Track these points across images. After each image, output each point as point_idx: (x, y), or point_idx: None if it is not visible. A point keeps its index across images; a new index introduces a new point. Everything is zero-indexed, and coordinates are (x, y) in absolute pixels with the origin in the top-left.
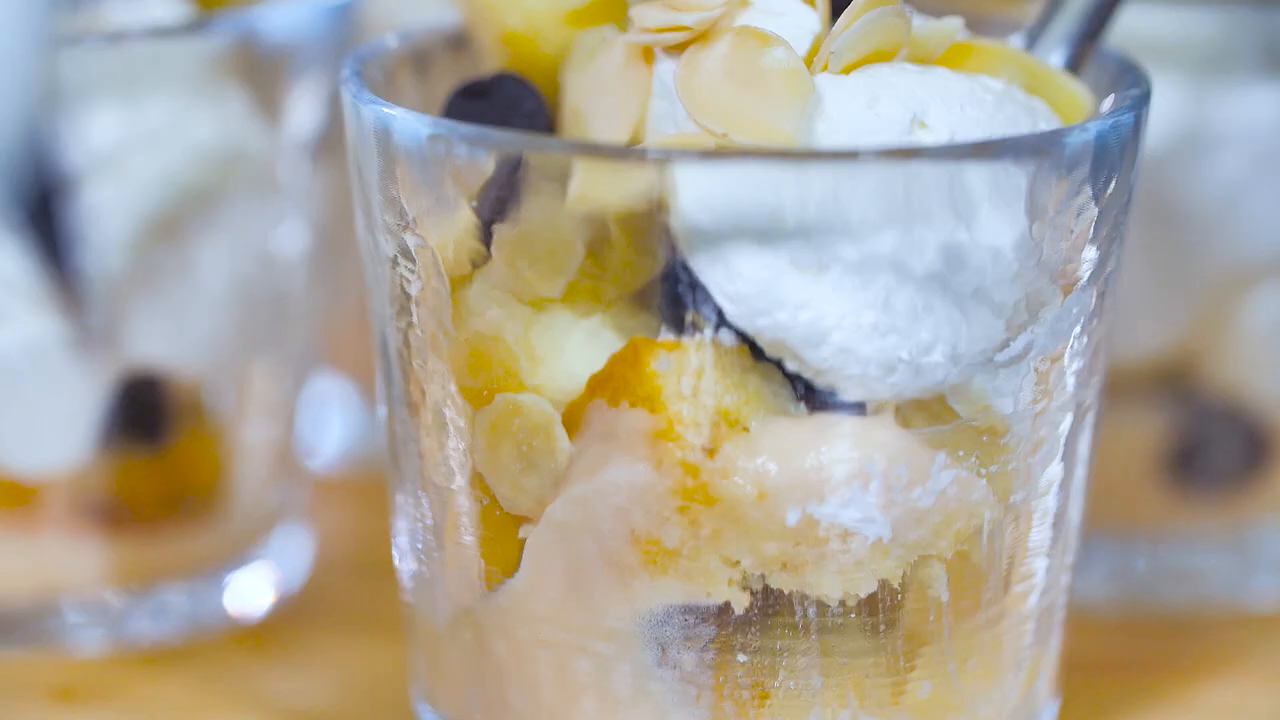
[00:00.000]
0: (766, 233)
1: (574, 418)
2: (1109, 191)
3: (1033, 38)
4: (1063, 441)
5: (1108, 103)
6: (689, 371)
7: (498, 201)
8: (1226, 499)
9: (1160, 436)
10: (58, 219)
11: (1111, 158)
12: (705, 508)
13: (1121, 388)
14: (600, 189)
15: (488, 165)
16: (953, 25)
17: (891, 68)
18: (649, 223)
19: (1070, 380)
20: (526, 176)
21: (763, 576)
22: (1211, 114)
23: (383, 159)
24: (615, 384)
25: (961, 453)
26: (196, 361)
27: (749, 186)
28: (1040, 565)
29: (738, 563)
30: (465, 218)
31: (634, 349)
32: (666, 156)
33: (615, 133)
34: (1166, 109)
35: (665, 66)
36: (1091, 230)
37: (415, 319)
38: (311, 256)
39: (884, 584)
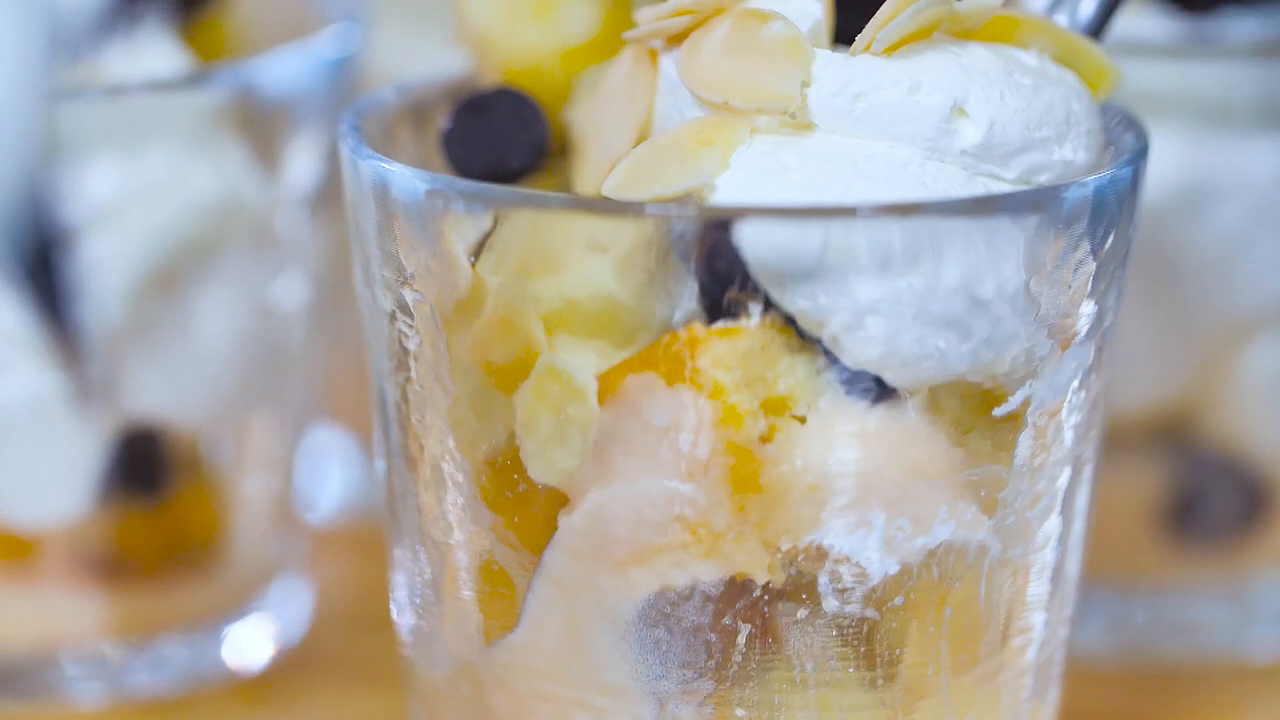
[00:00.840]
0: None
1: (610, 388)
2: (1107, 246)
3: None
4: (1061, 495)
5: (1106, 157)
6: (741, 356)
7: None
8: (1225, 551)
9: (1158, 488)
10: (57, 271)
11: (1110, 212)
12: (754, 494)
13: (1119, 439)
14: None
15: (486, 221)
16: (993, 1)
17: (932, 48)
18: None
19: (1068, 434)
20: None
21: (796, 563)
22: (1210, 166)
23: (381, 214)
24: (665, 364)
25: (961, 506)
26: (195, 414)
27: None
28: (1038, 619)
29: (779, 547)
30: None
31: (689, 331)
32: (665, 213)
33: (622, 134)
34: (1165, 161)
35: (669, 63)
36: (1090, 285)
37: (413, 374)
38: (310, 309)
39: (882, 637)
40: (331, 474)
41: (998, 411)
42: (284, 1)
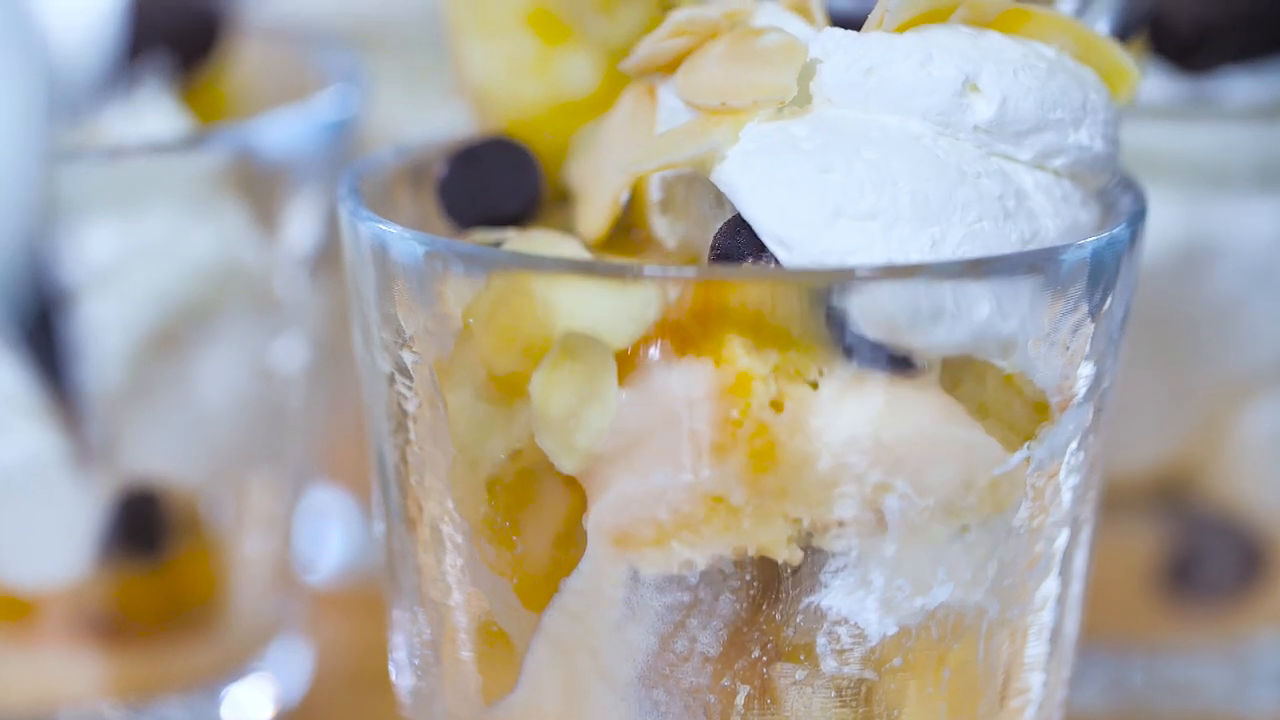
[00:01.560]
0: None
1: (627, 367)
2: (1106, 307)
3: (1084, 5)
4: (1059, 556)
5: (1105, 219)
6: (752, 322)
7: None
8: (1223, 612)
9: (1157, 549)
10: (56, 333)
11: (1108, 274)
12: (770, 463)
13: (1117, 499)
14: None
15: (485, 283)
16: None
17: (946, 29)
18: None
19: (1066, 495)
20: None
21: (811, 536)
22: (1209, 227)
23: (380, 276)
24: (677, 334)
25: (960, 566)
26: (195, 475)
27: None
28: (1037, 679)
29: (799, 520)
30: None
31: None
32: (663, 274)
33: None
34: (1164, 222)
35: (667, 93)
36: (1088, 346)
37: (412, 435)
38: (310, 370)
39: (881, 699)
40: (331, 535)
41: (996, 471)
42: (283, 63)
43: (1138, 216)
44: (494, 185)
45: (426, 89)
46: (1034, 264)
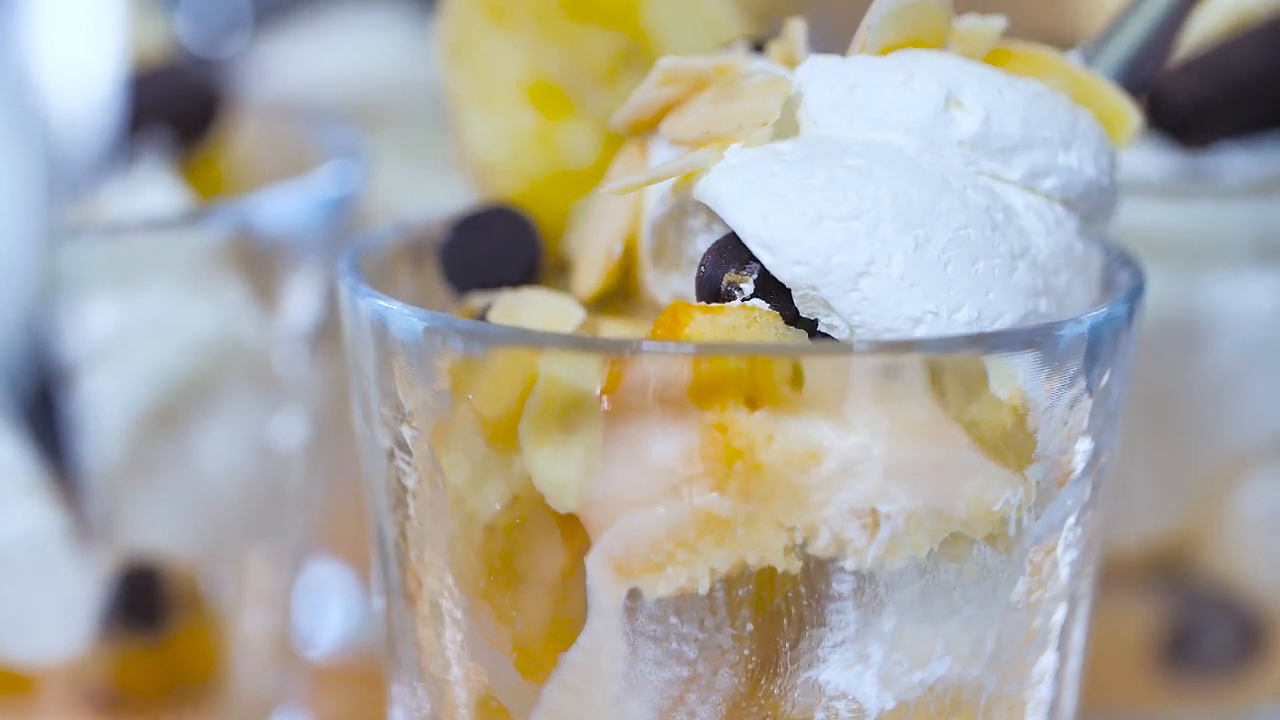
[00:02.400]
0: None
1: (610, 387)
2: (1104, 383)
3: (1088, 57)
4: (1057, 631)
5: (1102, 294)
6: (724, 331)
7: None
8: (1221, 687)
9: (1155, 623)
10: (56, 409)
11: (1106, 350)
12: (751, 471)
13: (1116, 574)
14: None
15: (484, 358)
16: (996, 24)
17: (930, 52)
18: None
19: (1064, 571)
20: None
21: (805, 546)
22: (1206, 302)
23: (379, 352)
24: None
25: (958, 641)
26: (194, 550)
27: None
28: None
29: (792, 528)
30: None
31: (672, 313)
32: (662, 350)
33: (615, 217)
34: (1161, 297)
35: (658, 149)
36: (1086, 422)
37: (412, 511)
38: (310, 445)
39: None
40: (331, 609)
41: (988, 492)
42: (282, 138)
43: (1135, 292)
44: (494, 252)
45: (426, 165)
46: (1032, 339)
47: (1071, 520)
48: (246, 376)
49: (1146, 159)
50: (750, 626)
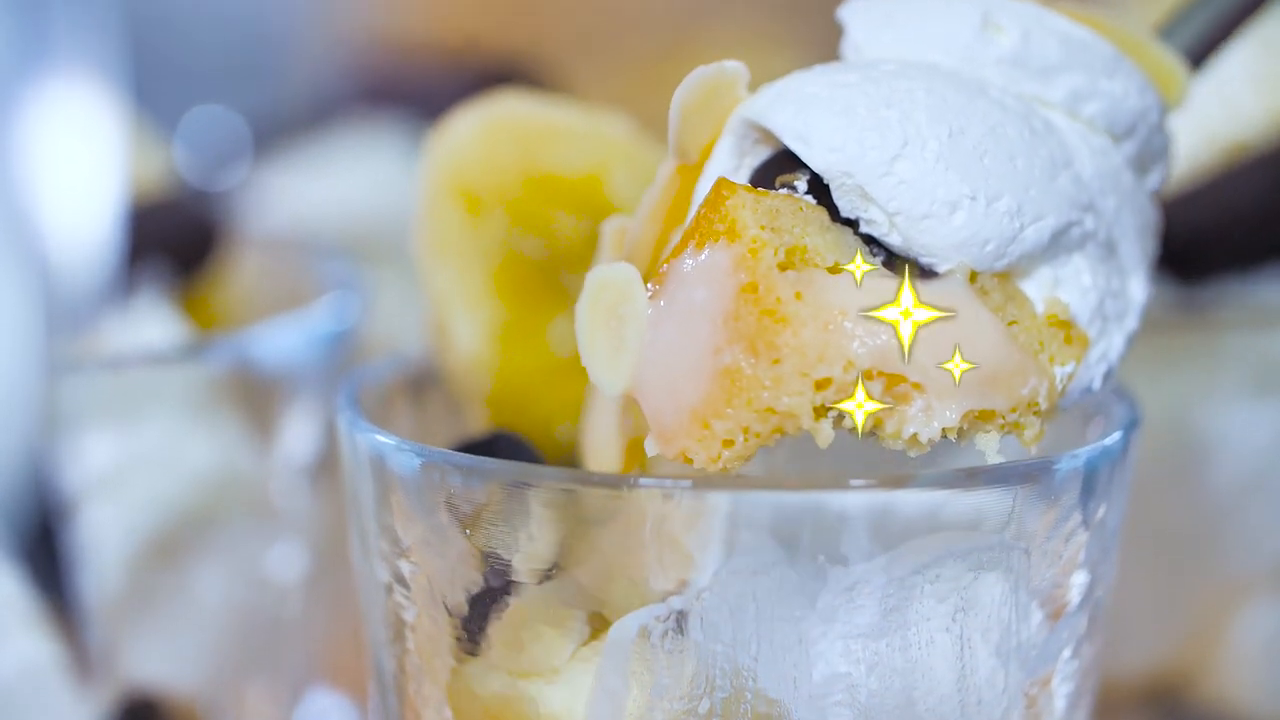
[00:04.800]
0: None
1: (657, 280)
2: (1099, 516)
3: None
4: None
5: (1098, 427)
6: (767, 209)
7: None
8: None
9: None
10: (56, 541)
11: (1101, 483)
12: (781, 327)
13: (1112, 703)
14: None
15: (482, 495)
16: None
17: None
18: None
19: (1060, 703)
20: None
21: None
22: (1202, 434)
23: (377, 486)
24: (697, 229)
25: None
26: (193, 682)
27: None
28: None
29: (817, 386)
30: (460, 548)
31: (716, 189)
32: (660, 486)
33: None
34: (1158, 428)
35: None
36: (1082, 555)
37: (410, 645)
38: (310, 577)
39: None
40: None
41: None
42: (281, 272)
43: (1132, 425)
44: None
45: (425, 299)
46: (1028, 473)
47: (1067, 653)
48: (245, 509)
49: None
50: None
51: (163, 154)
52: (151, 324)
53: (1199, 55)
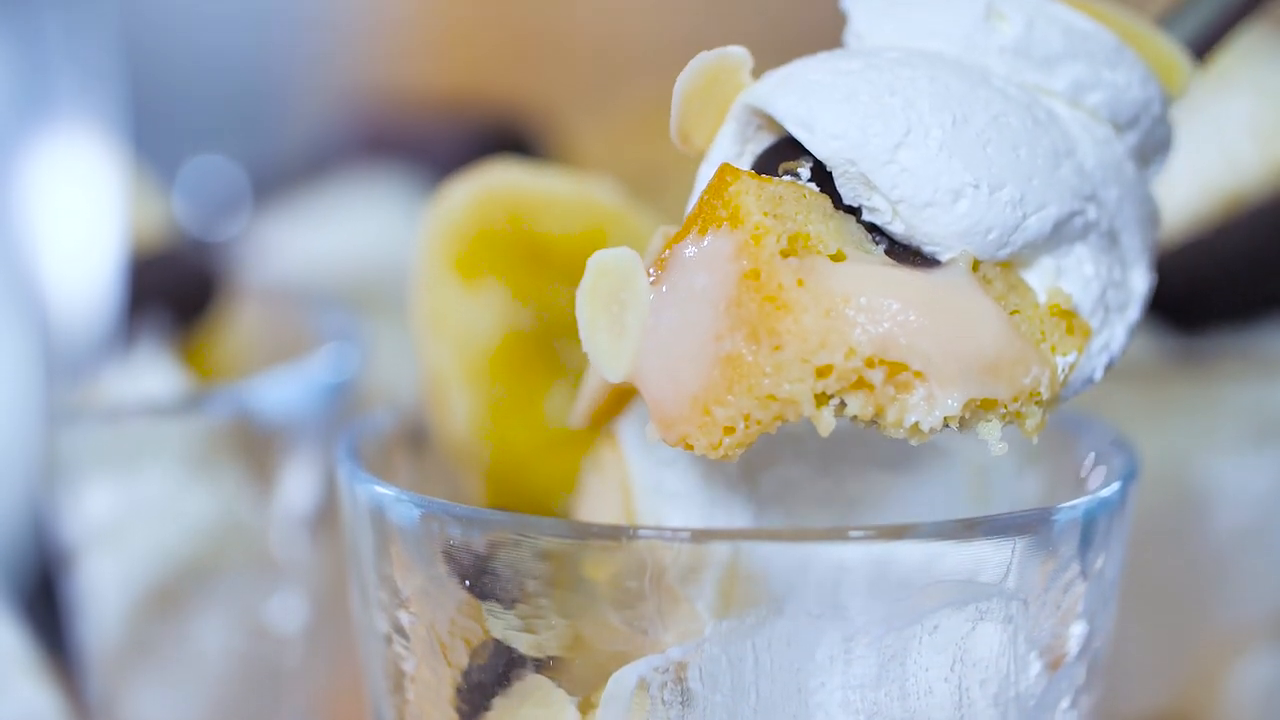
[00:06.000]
0: None
1: (658, 266)
2: (1097, 567)
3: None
4: None
5: (1097, 478)
6: (770, 196)
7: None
8: None
9: None
10: (56, 592)
11: (1100, 534)
12: (783, 314)
13: None
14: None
15: (481, 546)
16: None
17: None
18: None
19: None
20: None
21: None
22: (1201, 483)
23: (377, 536)
24: (699, 215)
25: None
26: None
27: None
28: None
29: (818, 373)
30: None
31: (720, 175)
32: (658, 537)
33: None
34: (1157, 478)
35: (629, 441)
36: (1080, 605)
37: (410, 695)
38: (310, 627)
39: None
40: None
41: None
42: (280, 323)
43: (1130, 476)
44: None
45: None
46: (1027, 524)
47: (1065, 703)
48: (245, 559)
49: (1142, 341)
50: None
51: (162, 205)
52: (151, 375)
53: (1202, 46)
